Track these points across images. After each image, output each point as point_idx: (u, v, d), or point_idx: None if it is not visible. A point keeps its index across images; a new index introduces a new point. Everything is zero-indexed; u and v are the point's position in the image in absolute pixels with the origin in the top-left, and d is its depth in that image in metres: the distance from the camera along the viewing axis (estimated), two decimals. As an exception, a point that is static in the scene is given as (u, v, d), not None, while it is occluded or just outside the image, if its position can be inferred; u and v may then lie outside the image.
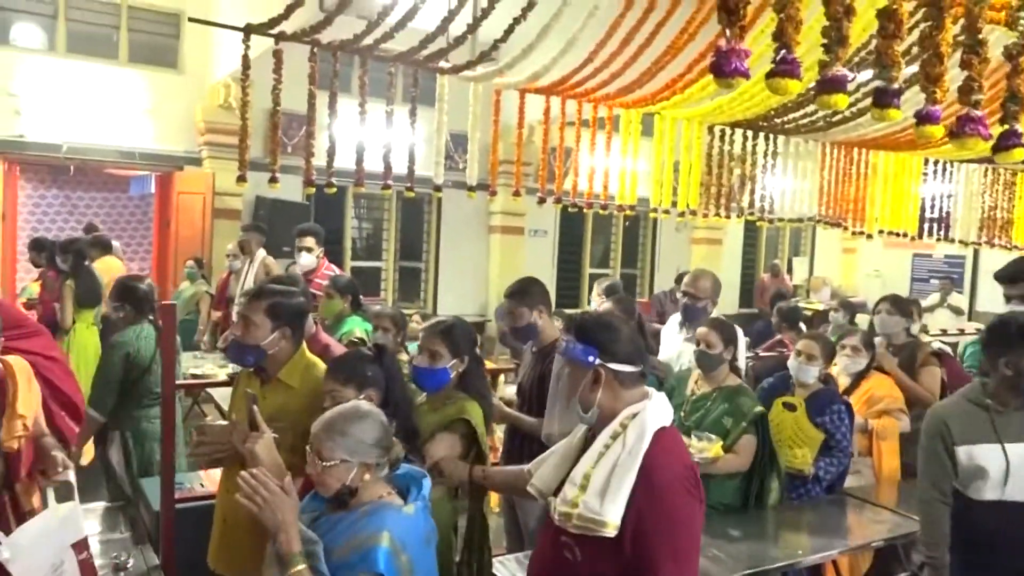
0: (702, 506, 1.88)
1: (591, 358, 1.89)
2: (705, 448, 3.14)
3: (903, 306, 4.51)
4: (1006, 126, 1.68)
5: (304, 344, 2.73)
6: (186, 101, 8.86)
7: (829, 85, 1.53)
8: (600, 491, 1.78)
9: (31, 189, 10.34)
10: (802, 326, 6.07)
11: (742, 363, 3.73)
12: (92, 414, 3.69)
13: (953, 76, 1.69)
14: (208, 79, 8.81)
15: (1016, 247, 7.34)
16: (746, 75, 1.51)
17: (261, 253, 6.60)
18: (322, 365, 2.71)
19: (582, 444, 1.99)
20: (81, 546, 2.08)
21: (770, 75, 1.55)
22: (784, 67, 1.54)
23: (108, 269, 6.53)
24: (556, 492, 1.94)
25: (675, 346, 4.19)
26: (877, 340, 4.32)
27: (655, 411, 1.88)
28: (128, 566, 2.60)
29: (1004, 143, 1.68)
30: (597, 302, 5.35)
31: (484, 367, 2.99)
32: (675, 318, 4.36)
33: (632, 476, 1.77)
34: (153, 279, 9.50)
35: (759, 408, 3.34)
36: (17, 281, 8.91)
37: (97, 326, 6.00)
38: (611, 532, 1.75)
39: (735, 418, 3.29)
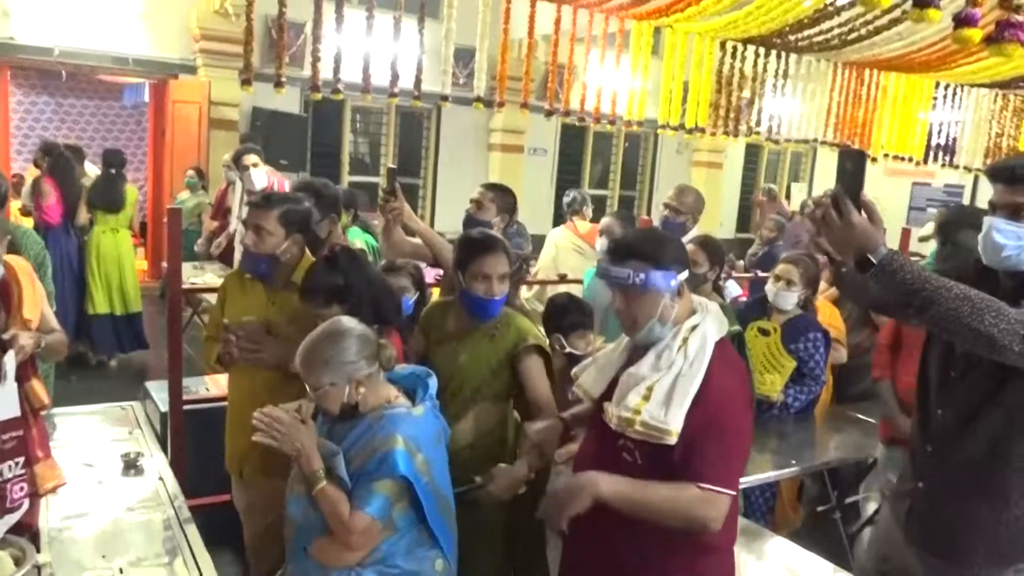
0: (752, 415, 1.93)
1: (673, 282, 1.82)
2: None
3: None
4: (1042, 35, 1.64)
5: (307, 249, 2.71)
6: (180, 6, 8.57)
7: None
8: (663, 401, 1.77)
9: (22, 95, 10.13)
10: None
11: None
12: None
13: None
14: (203, -17, 8.52)
15: (1020, 176, 7.29)
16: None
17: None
18: None
19: (628, 352, 1.98)
20: (7, 426, 2.08)
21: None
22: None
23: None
24: (604, 397, 1.95)
25: None
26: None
27: (713, 323, 1.87)
28: (138, 463, 2.65)
29: (1039, 53, 1.64)
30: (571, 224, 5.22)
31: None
32: None
33: (695, 387, 1.77)
34: (149, 189, 9.52)
35: (736, 327, 3.21)
36: (11, 188, 8.78)
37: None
38: (673, 440, 1.76)
39: None
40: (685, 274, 1.86)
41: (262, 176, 5.45)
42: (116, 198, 6.17)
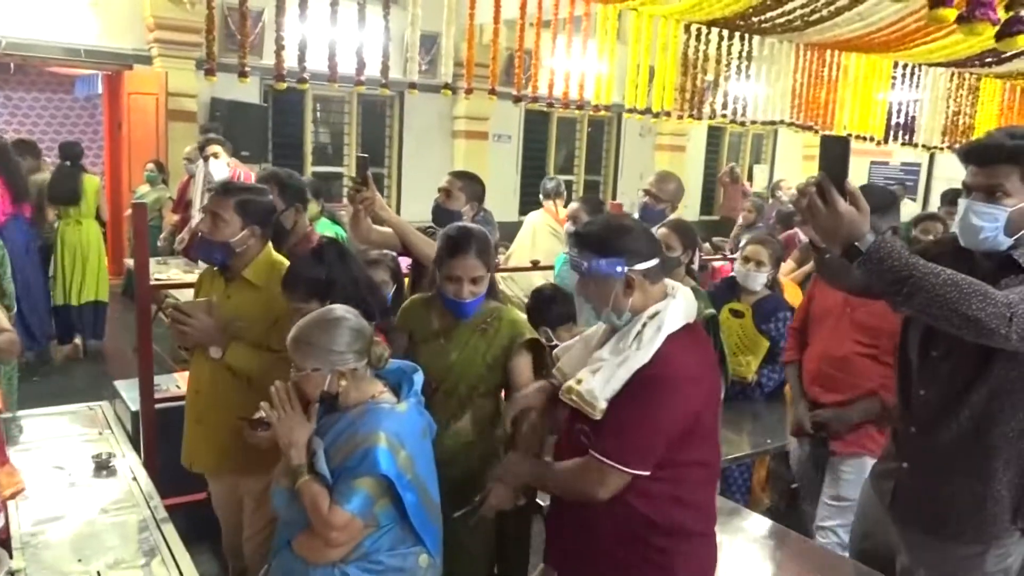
0: (711, 405, 1.89)
1: (620, 268, 1.82)
2: None
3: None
4: (1011, 12, 1.67)
5: (270, 243, 2.66)
6: (132, -5, 8.36)
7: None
8: (604, 379, 1.80)
9: (-32, 89, 9.83)
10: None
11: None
12: None
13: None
14: (155, -30, 8.30)
15: (976, 153, 7.47)
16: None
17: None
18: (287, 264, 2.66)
19: (606, 336, 1.98)
20: None
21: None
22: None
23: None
24: None
25: None
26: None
27: (677, 310, 1.85)
28: (111, 464, 2.60)
29: (1008, 29, 1.67)
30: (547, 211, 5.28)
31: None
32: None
33: (634, 369, 1.78)
34: (107, 183, 9.30)
35: (711, 311, 3.20)
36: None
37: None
38: (597, 415, 1.79)
39: None
40: (644, 265, 1.84)
41: (223, 167, 5.36)
42: (73, 190, 6.14)
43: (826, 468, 2.98)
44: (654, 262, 1.86)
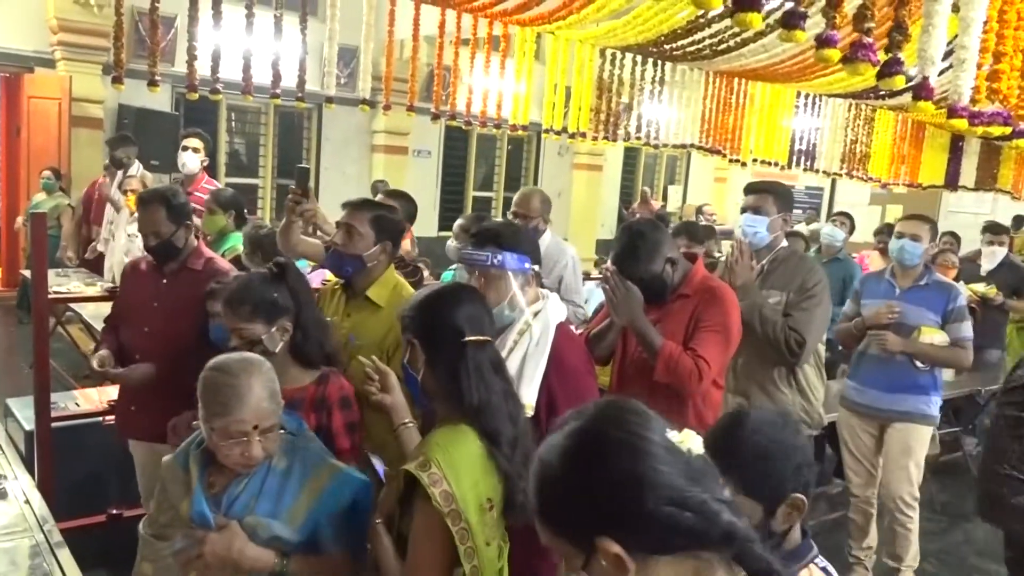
0: (596, 382, 2.18)
1: (528, 265, 2.04)
2: None
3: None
4: (890, 55, 1.81)
5: (392, 265, 2.61)
6: (34, -6, 8.01)
7: (746, 3, 1.60)
8: (515, 378, 1.92)
9: None
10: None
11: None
12: None
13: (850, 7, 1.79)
14: (59, -30, 7.99)
15: (871, 179, 7.92)
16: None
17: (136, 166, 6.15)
18: (409, 287, 2.58)
19: None
20: None
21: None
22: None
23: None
24: None
25: None
26: None
27: (554, 309, 2.08)
28: (0, 487, 2.48)
29: (887, 70, 1.81)
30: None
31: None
32: None
33: (543, 363, 1.97)
34: (2, 190, 8.84)
35: None
36: None
37: None
38: (528, 412, 1.89)
39: None
40: (537, 267, 2.09)
41: (196, 165, 5.10)
42: None
43: None
44: (538, 267, 2.09)
